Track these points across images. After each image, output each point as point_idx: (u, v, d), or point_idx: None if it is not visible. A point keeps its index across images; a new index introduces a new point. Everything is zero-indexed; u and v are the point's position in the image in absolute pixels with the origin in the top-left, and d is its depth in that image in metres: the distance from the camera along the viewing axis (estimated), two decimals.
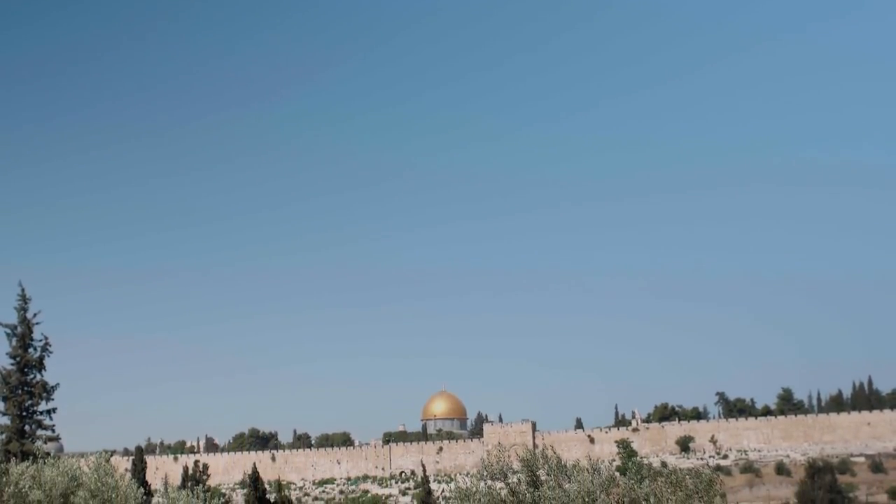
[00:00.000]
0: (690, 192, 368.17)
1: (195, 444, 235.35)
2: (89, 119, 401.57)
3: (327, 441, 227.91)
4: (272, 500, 78.90)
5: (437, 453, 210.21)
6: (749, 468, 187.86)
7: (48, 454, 15.74)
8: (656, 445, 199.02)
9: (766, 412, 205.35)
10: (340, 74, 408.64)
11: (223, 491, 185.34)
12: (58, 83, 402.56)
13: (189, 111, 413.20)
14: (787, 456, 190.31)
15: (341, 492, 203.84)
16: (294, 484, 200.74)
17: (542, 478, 12.69)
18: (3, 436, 47.15)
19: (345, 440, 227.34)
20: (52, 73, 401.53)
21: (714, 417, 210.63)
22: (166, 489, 15.51)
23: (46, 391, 47.97)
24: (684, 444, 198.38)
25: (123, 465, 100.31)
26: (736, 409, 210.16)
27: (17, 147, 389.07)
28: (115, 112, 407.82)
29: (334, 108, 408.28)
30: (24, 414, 47.73)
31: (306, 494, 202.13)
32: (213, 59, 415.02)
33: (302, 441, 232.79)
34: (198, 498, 15.06)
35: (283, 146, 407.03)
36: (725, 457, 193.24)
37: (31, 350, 47.64)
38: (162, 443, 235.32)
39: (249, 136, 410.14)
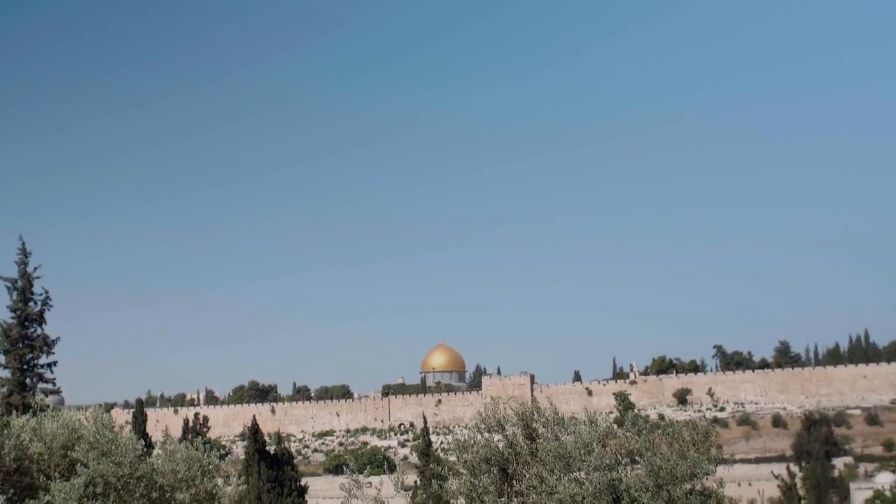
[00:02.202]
0: (688, 143, 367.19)
1: (195, 396, 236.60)
2: (92, 70, 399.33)
3: (327, 394, 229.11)
4: (272, 453, 79.29)
5: (436, 406, 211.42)
6: (746, 420, 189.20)
7: (49, 407, 15.80)
8: (654, 398, 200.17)
9: (764, 365, 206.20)
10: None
11: (223, 443, 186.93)
12: (63, 34, 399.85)
13: (196, 68, 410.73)
14: (784, 408, 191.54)
15: (341, 444, 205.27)
16: (294, 436, 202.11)
17: (540, 430, 12.76)
18: (4, 389, 47.39)
19: (344, 393, 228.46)
20: (58, 24, 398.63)
21: (711, 370, 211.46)
22: (166, 441, 15.61)
23: (47, 345, 48.13)
24: (681, 397, 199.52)
25: (124, 417, 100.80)
26: (733, 362, 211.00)
27: (17, 98, 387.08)
28: (115, 64, 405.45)
29: (331, 68, 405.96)
30: (25, 367, 47.93)
31: (306, 446, 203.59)
32: (217, 15, 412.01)
33: (301, 394, 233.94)
34: (198, 450, 15.14)
35: (275, 104, 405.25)
36: (722, 409, 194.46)
37: (31, 304, 47.72)
38: (162, 396, 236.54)
39: (248, 93, 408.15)
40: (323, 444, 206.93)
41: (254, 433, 79.12)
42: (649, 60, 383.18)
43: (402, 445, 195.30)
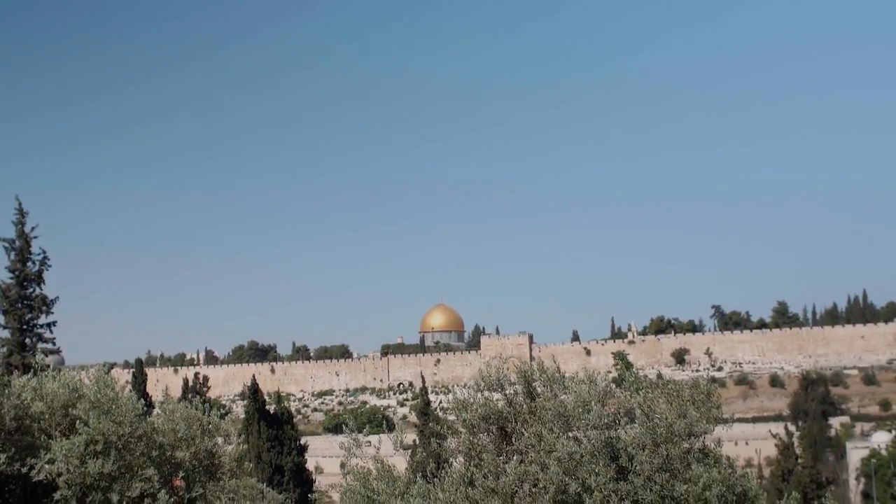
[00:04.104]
0: (686, 103, 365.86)
1: (195, 356, 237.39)
2: (92, 34, 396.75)
3: (326, 353, 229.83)
4: (272, 412, 79.78)
5: (435, 365, 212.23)
6: (743, 380, 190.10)
7: (49, 367, 15.83)
8: (652, 358, 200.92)
9: (762, 325, 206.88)
10: None
11: (223, 402, 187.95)
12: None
13: (193, 35, 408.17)
14: (782, 368, 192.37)
15: (340, 403, 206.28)
16: (293, 395, 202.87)
17: (539, 389, 12.80)
18: (4, 349, 47.52)
19: (343, 352, 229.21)
20: None
21: (709, 330, 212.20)
22: (166, 401, 15.67)
23: (46, 305, 48.19)
24: (679, 357, 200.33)
25: (124, 377, 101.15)
26: (731, 322, 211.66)
27: (15, 57, 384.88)
28: (116, 28, 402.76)
29: (326, 33, 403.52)
30: (25, 327, 48.02)
31: (305, 406, 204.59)
32: None
33: (301, 353, 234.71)
34: (197, 409, 15.20)
35: (268, 70, 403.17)
36: (720, 369, 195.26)
37: (29, 264, 47.71)
38: (162, 355, 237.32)
39: (239, 59, 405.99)
40: (322, 403, 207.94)
41: (253, 393, 79.60)
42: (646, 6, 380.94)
43: (401, 405, 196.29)
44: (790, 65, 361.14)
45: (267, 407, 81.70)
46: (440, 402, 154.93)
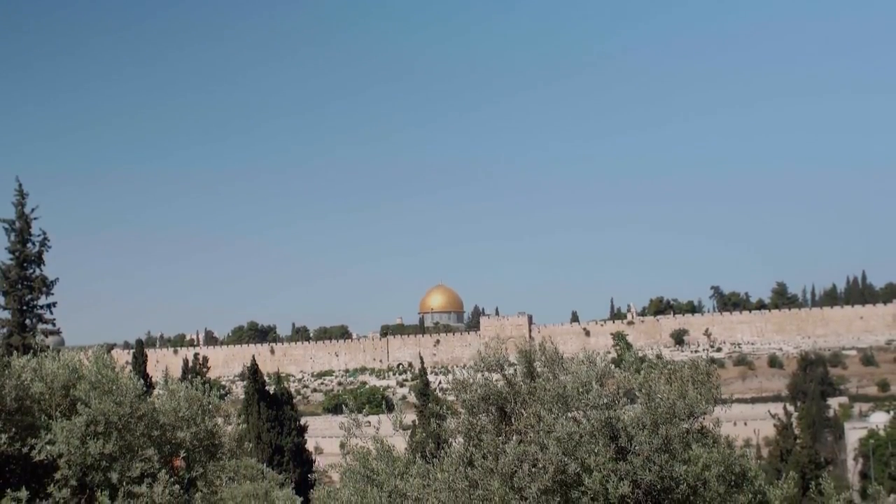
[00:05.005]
0: (684, 82, 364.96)
1: (195, 337, 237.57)
2: (92, 12, 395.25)
3: (325, 334, 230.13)
4: (271, 392, 79.95)
5: (435, 346, 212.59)
6: (742, 361, 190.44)
7: (49, 348, 15.87)
8: (651, 338, 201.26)
9: (761, 306, 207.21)
10: None
11: (223, 383, 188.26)
12: None
13: (191, 17, 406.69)
14: (780, 349, 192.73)
15: (339, 383, 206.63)
16: (293, 376, 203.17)
17: (539, 369, 12.83)
18: (5, 330, 47.64)
19: (343, 333, 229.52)
20: None
21: (709, 311, 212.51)
22: (166, 381, 15.70)
23: (46, 285, 48.29)
24: (679, 338, 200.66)
25: (124, 358, 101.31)
26: (730, 302, 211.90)
27: (13, 36, 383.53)
28: (116, 5, 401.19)
29: (329, 12, 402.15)
30: (25, 308, 48.13)
31: (305, 386, 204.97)
32: None
33: (300, 334, 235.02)
34: (197, 390, 15.23)
35: (268, 50, 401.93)
36: (719, 350, 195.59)
37: (29, 245, 47.77)
38: (162, 336, 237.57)
39: (239, 38, 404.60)
40: (322, 383, 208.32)
41: (253, 373, 79.74)
42: None
43: (401, 385, 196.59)
44: (786, 41, 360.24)
45: (267, 387, 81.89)
46: (439, 382, 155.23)
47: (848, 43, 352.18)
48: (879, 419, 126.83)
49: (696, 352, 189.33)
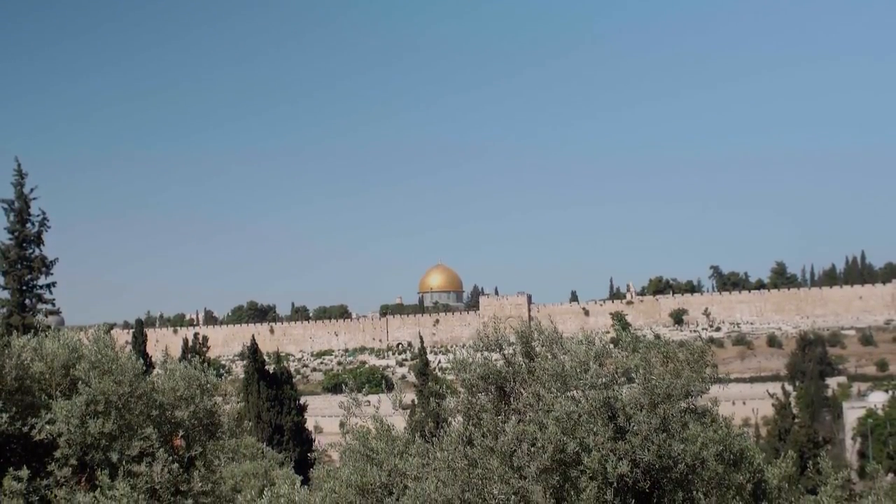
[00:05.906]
0: (684, 62, 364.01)
1: (194, 317, 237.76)
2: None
3: (325, 314, 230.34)
4: (271, 372, 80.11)
5: (434, 325, 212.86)
6: (741, 340, 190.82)
7: (49, 327, 15.89)
8: (650, 318, 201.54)
9: (760, 286, 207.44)
10: None
11: (223, 362, 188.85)
12: None
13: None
14: (779, 329, 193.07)
15: (339, 363, 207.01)
16: (292, 356, 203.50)
17: (538, 349, 12.85)
18: (5, 309, 47.72)
19: (342, 313, 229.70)
20: None
21: (708, 291, 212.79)
22: (165, 361, 15.72)
23: (45, 266, 48.34)
24: (678, 317, 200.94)
25: (124, 337, 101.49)
26: (730, 282, 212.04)
27: (14, 18, 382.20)
28: None
29: None
30: (24, 288, 48.21)
31: (304, 366, 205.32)
32: None
33: (300, 314, 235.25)
34: (197, 369, 15.25)
35: (270, 33, 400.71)
36: (718, 329, 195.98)
37: (28, 225, 47.80)
38: (161, 316, 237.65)
39: (237, 22, 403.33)
40: (321, 363, 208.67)
41: (253, 353, 79.84)
42: None
43: (400, 365, 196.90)
44: (787, 19, 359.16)
45: (266, 367, 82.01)
46: (439, 361, 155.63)
47: (833, 15, 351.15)
48: (878, 399, 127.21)
49: (695, 331, 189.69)
